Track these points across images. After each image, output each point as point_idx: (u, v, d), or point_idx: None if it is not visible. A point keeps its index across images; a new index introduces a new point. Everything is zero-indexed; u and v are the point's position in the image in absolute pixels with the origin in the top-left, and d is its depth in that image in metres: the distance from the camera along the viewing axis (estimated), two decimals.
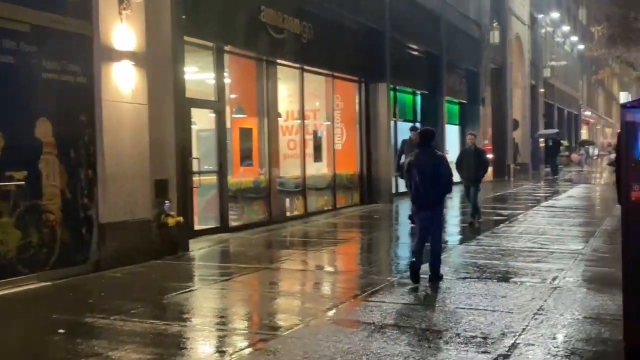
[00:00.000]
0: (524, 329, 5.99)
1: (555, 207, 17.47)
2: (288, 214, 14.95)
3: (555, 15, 45.26)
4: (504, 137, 31.18)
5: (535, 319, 6.34)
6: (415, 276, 7.85)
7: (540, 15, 41.24)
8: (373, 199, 17.90)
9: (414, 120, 22.05)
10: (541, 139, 39.03)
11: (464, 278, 8.30)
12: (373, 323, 6.23)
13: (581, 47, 56.72)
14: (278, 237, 12.55)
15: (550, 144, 36.78)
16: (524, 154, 36.24)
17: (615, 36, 44.21)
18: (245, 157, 14.18)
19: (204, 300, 7.67)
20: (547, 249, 10.59)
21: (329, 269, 9.95)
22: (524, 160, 36.11)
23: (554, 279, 8.22)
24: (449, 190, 8.25)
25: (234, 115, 13.71)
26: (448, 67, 23.78)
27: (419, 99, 22.61)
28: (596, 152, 60.19)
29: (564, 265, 9.14)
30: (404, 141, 14.19)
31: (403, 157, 13.31)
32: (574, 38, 54.37)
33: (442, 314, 6.61)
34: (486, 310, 6.70)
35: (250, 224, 13.48)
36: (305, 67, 15.57)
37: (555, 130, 40.87)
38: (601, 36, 46.27)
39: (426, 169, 7.95)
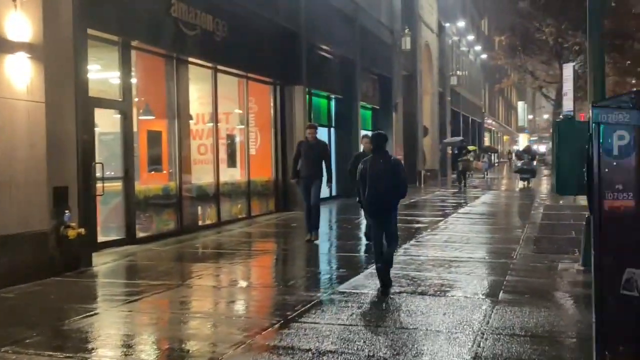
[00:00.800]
0: (476, 354, 5.40)
1: (473, 213, 17.29)
2: (200, 223, 14.01)
3: (460, 24, 46.04)
4: (415, 144, 31.16)
5: (485, 339, 5.78)
6: (385, 280, 7.80)
7: (447, 24, 41.77)
8: (289, 206, 17.16)
9: (329, 125, 21.54)
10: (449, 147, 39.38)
11: (399, 292, 7.68)
12: (310, 350, 5.49)
13: (484, 56, 58.19)
14: (190, 249, 11.62)
15: (456, 152, 37.15)
16: (433, 161, 36.45)
17: (517, 46, 45.49)
18: (154, 162, 13.17)
19: (110, 325, 6.69)
20: (477, 258, 10.18)
21: (250, 285, 9.06)
22: (433, 166, 36.32)
23: (491, 292, 7.75)
24: (404, 195, 8.06)
25: (141, 117, 12.67)
26: (362, 72, 23.42)
27: (333, 103, 22.08)
28: (497, 159, 61.77)
29: (498, 276, 8.71)
30: (300, 143, 12.51)
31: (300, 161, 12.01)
32: (478, 47, 55.65)
33: (385, 336, 5.93)
34: (430, 330, 6.10)
35: (160, 234, 12.49)
36: (219, 67, 14.70)
37: (460, 138, 41.29)
38: (504, 45, 47.52)
39: (382, 174, 7.68)
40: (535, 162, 30.13)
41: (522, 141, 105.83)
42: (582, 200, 20.39)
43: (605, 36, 40.65)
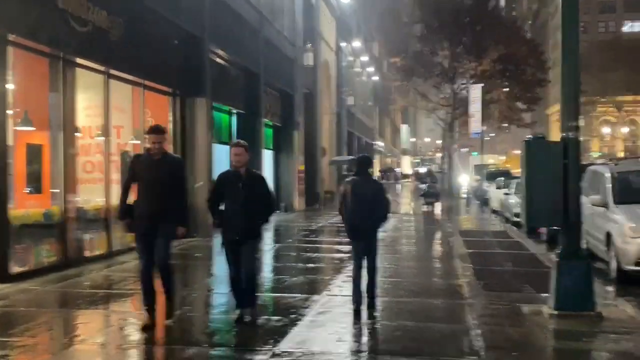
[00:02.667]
0: None
1: (391, 241, 15.99)
2: (88, 254, 11.90)
3: (356, 45, 45.45)
4: (314, 164, 29.84)
5: None
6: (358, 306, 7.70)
7: (344, 44, 40.97)
8: (189, 232, 15.14)
9: (230, 143, 19.74)
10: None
11: (358, 351, 6.12)
12: None
13: (376, 78, 58.15)
14: (78, 289, 9.53)
15: (345, 172, 36.15)
16: (330, 182, 35.30)
17: (411, 68, 45.61)
18: (33, 181, 10.99)
19: None
20: (426, 299, 8.82)
21: (164, 343, 6.82)
22: (331, 188, 35.15)
23: (470, 349, 6.32)
24: (387, 218, 8.04)
25: (18, 128, 10.49)
26: (265, 87, 21.86)
27: (235, 118, 20.34)
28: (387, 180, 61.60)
29: (464, 324, 7.34)
30: (135, 159, 7.48)
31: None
32: (371, 69, 55.48)
33: None
34: None
35: (40, 269, 10.32)
36: (112, 71, 12.65)
37: (350, 157, 40.18)
38: (399, 67, 47.56)
39: (365, 196, 7.66)
40: (438, 185, 29.43)
41: (405, 163, 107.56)
42: (496, 225, 19.66)
43: (498, 61, 41.03)
